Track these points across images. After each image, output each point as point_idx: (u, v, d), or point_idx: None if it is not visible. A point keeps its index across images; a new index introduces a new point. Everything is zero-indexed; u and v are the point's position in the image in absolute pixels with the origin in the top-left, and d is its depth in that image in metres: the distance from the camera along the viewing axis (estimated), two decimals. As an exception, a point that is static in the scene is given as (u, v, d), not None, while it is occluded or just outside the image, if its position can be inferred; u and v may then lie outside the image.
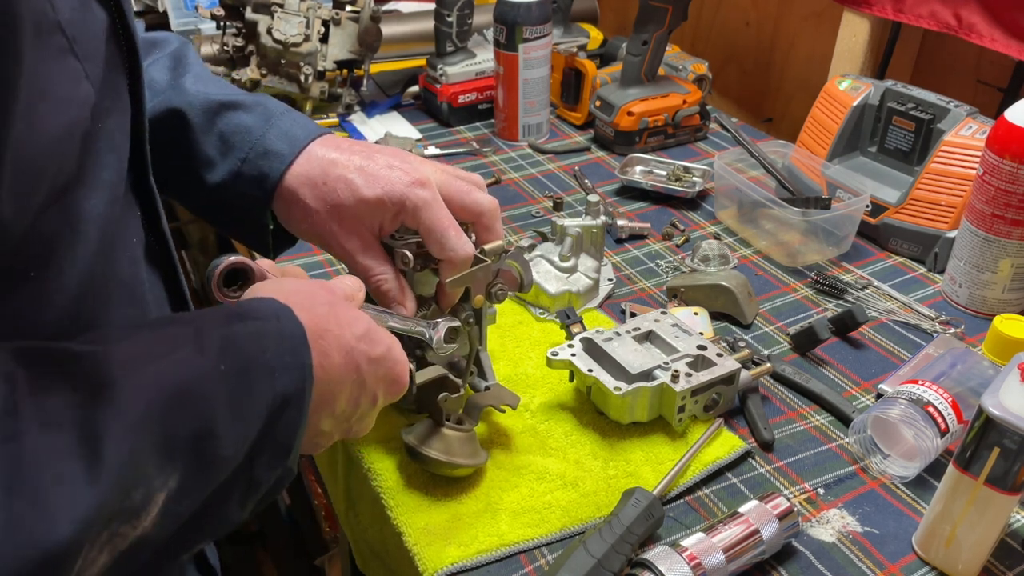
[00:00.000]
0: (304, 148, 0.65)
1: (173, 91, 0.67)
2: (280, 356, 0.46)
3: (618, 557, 0.63)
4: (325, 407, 0.52)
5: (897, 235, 1.04)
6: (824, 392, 0.82)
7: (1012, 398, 0.59)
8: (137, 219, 0.54)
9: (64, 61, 0.42)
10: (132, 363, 0.41)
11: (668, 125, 1.28)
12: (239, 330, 0.46)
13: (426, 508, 0.70)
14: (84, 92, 0.43)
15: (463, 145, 1.32)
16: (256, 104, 0.67)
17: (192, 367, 0.43)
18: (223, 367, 0.43)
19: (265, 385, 0.45)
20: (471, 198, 0.66)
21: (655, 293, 0.98)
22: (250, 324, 0.46)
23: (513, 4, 1.22)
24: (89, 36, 0.44)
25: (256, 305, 0.49)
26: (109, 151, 0.47)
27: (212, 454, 0.43)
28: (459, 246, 0.64)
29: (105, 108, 0.47)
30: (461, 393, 0.70)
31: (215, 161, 0.66)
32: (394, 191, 0.63)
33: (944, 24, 1.12)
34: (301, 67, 1.28)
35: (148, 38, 0.70)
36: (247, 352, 0.45)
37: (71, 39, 0.42)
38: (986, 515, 0.62)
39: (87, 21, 0.45)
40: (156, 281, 0.57)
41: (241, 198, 0.66)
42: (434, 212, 0.63)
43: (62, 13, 0.41)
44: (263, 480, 0.47)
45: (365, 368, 0.54)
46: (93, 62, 0.44)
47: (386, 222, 0.64)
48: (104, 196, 0.46)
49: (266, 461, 0.47)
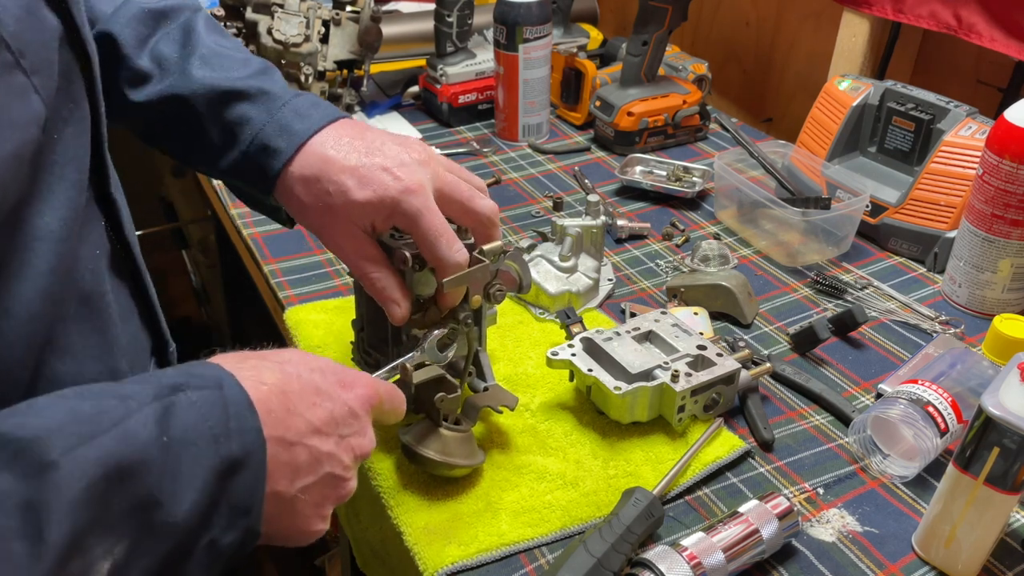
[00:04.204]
0: (303, 145, 0.64)
1: (179, 75, 0.66)
2: (224, 424, 0.46)
3: (618, 557, 0.63)
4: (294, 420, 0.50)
5: (897, 235, 1.04)
6: (824, 392, 0.82)
7: (1012, 398, 0.59)
8: (101, 229, 0.53)
9: (10, 78, 0.41)
10: (73, 443, 0.40)
11: (668, 125, 1.28)
12: (180, 400, 0.45)
13: (426, 508, 0.70)
14: (34, 108, 0.42)
15: (463, 145, 1.32)
16: (260, 92, 0.66)
17: (135, 440, 0.42)
18: (165, 438, 0.43)
19: (210, 452, 0.45)
20: (472, 204, 0.66)
21: (655, 293, 0.99)
22: (192, 394, 0.46)
23: (513, 4, 1.22)
24: (38, 46, 0.43)
25: (199, 372, 0.48)
26: (67, 163, 0.47)
27: (159, 521, 0.43)
28: (450, 254, 0.63)
29: (62, 118, 0.46)
30: (458, 393, 0.70)
31: (220, 149, 0.67)
32: (385, 195, 0.62)
33: (944, 24, 1.12)
34: (301, 67, 1.28)
35: (158, 8, 0.69)
36: (189, 423, 0.45)
37: (17, 53, 0.41)
38: (986, 515, 0.62)
39: (36, 30, 0.44)
40: (123, 291, 0.56)
41: (247, 184, 0.67)
42: (425, 220, 0.62)
43: (5, 27, 0.40)
44: (224, 543, 0.47)
45: (307, 375, 0.52)
46: (44, 74, 0.43)
47: (377, 223, 0.64)
48: (60, 211, 0.46)
49: (224, 523, 0.46)
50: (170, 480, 0.43)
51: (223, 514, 0.46)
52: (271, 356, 0.53)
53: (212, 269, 2.04)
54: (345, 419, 0.54)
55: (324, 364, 0.55)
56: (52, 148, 0.45)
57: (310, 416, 0.51)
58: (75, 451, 0.40)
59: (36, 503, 0.38)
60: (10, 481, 0.38)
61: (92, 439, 0.41)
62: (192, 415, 0.45)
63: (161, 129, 0.69)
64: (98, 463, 0.41)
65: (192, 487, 0.44)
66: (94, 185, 0.51)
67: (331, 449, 0.53)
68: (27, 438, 0.39)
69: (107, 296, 0.53)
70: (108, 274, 0.53)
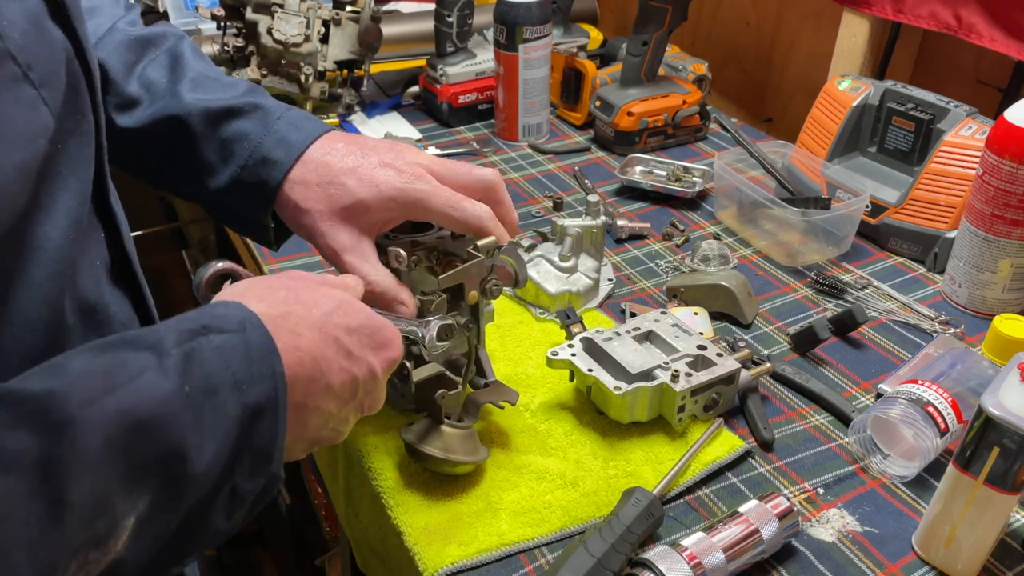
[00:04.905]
0: (301, 154, 0.65)
1: (172, 98, 0.67)
2: (247, 369, 0.45)
3: (618, 557, 0.63)
4: (316, 387, 0.51)
5: (897, 235, 1.04)
6: (824, 392, 0.82)
7: (1012, 398, 0.59)
8: (100, 240, 0.53)
9: (18, 90, 0.41)
10: (90, 398, 0.40)
11: (668, 125, 1.28)
12: (202, 345, 0.45)
13: (426, 508, 0.70)
14: (42, 121, 0.43)
15: (463, 145, 1.32)
16: (254, 108, 0.67)
17: (154, 392, 0.42)
18: (187, 388, 0.43)
19: (233, 400, 0.44)
20: (473, 175, 0.66)
21: (655, 293, 0.99)
22: (214, 338, 0.45)
23: (513, 4, 1.22)
24: (45, 60, 0.43)
25: (221, 313, 0.48)
26: (70, 174, 0.47)
27: (183, 473, 0.42)
28: (473, 211, 0.64)
29: (67, 130, 0.46)
30: (459, 390, 0.70)
31: (216, 167, 0.66)
32: (389, 188, 0.63)
33: (944, 24, 1.12)
34: (301, 67, 1.28)
35: (143, 36, 0.70)
36: (211, 369, 0.44)
37: (25, 66, 0.41)
38: (986, 515, 0.62)
39: (43, 44, 0.44)
40: (123, 302, 0.56)
41: (242, 202, 0.67)
42: (439, 196, 0.63)
43: (12, 41, 0.41)
44: (247, 490, 0.46)
45: (345, 339, 0.53)
46: (51, 87, 0.44)
47: (386, 219, 0.65)
48: (60, 220, 0.46)
49: (247, 471, 0.46)
50: (193, 431, 0.42)
51: (245, 462, 0.46)
52: (314, 304, 0.52)
53: (212, 269, 2.03)
54: (366, 383, 0.55)
55: (363, 322, 0.55)
56: (57, 159, 0.45)
57: (334, 382, 0.52)
58: (92, 406, 0.39)
59: (54, 462, 0.37)
60: (26, 439, 0.37)
61: (111, 392, 0.40)
62: (214, 361, 0.44)
63: (151, 154, 0.68)
64: (117, 417, 0.40)
65: (215, 438, 0.44)
66: (94, 196, 0.51)
67: (341, 411, 0.54)
68: (42, 393, 0.39)
69: (108, 306, 0.53)
70: (107, 284, 0.53)
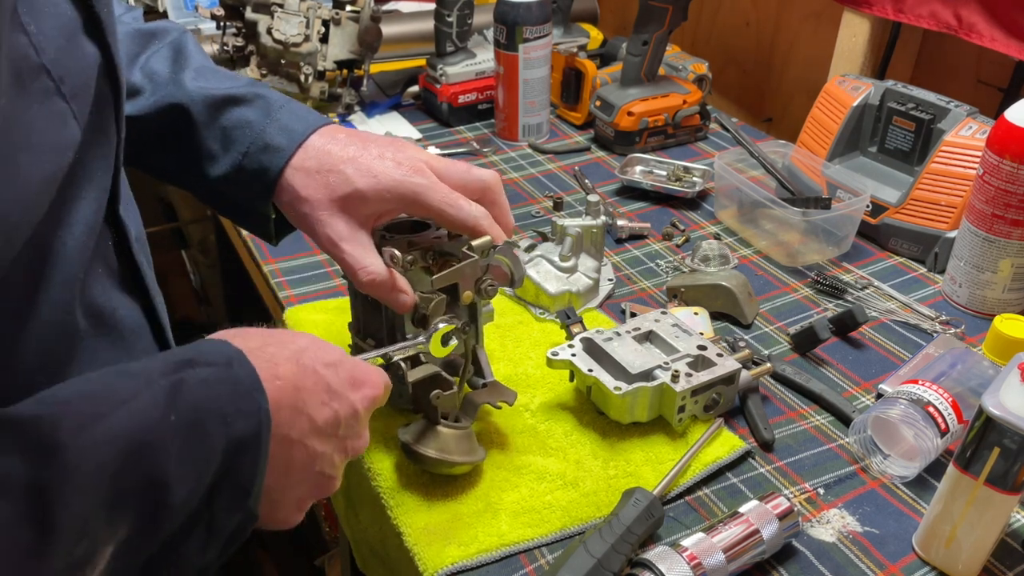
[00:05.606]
0: (303, 142, 0.66)
1: (174, 86, 0.67)
2: (233, 403, 0.46)
3: (618, 557, 0.63)
4: (300, 419, 0.50)
5: (897, 235, 1.04)
6: (824, 392, 0.82)
7: (1012, 398, 0.59)
8: (110, 248, 0.54)
9: (50, 104, 0.41)
10: (81, 423, 0.40)
11: (668, 125, 1.28)
12: (189, 377, 0.45)
13: (426, 508, 0.70)
14: (70, 134, 0.43)
15: (463, 145, 1.32)
16: (256, 97, 0.68)
17: (142, 419, 0.42)
18: (174, 417, 0.43)
19: (218, 432, 0.45)
20: (472, 175, 0.67)
21: (655, 293, 0.98)
22: (201, 371, 0.46)
23: (513, 4, 1.22)
24: (77, 73, 0.44)
25: (208, 349, 0.48)
26: (89, 184, 0.47)
27: (163, 502, 0.42)
28: (477, 209, 0.64)
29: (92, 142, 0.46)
30: (454, 391, 0.70)
31: (217, 155, 0.67)
32: (388, 179, 0.63)
33: (944, 24, 1.12)
34: (301, 67, 1.28)
35: (147, 29, 0.70)
36: (198, 400, 0.44)
37: (58, 80, 0.41)
38: (986, 515, 0.62)
39: (76, 58, 0.44)
40: (134, 308, 0.56)
41: (243, 190, 0.67)
42: (437, 192, 0.63)
43: (46, 54, 0.41)
44: (223, 523, 0.47)
45: (324, 371, 0.53)
46: (81, 100, 0.44)
47: (382, 211, 0.65)
48: (78, 229, 0.46)
49: (225, 504, 0.46)
50: (176, 461, 0.43)
51: (224, 495, 0.46)
52: (287, 342, 0.53)
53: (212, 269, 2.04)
54: (348, 420, 0.54)
55: (338, 358, 0.55)
56: (79, 170, 0.45)
57: (316, 416, 0.52)
58: (84, 432, 0.39)
59: (44, 487, 0.37)
60: (17, 464, 0.37)
61: (101, 419, 0.40)
62: (201, 393, 0.45)
63: (151, 142, 0.69)
64: (108, 443, 0.40)
65: (197, 468, 0.44)
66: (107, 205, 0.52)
67: (327, 450, 0.53)
68: (35, 419, 0.39)
69: (116, 311, 0.53)
70: (115, 289, 0.54)
